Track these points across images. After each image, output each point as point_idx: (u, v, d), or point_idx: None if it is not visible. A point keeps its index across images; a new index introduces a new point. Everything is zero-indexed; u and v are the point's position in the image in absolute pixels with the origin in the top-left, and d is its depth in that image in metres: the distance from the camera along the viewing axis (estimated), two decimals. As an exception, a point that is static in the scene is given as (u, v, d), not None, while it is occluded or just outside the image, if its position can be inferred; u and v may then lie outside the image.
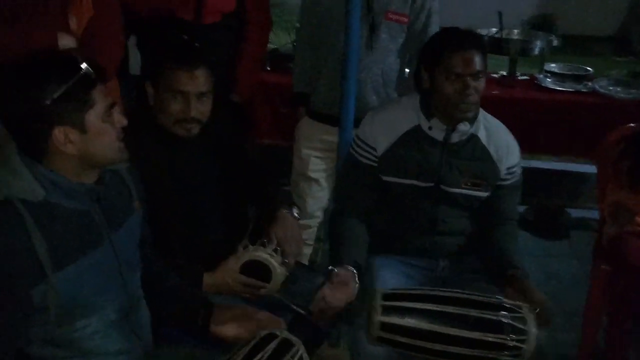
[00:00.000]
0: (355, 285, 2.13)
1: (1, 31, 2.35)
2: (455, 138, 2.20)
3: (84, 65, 1.49)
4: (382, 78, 2.77)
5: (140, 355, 1.72)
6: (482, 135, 2.23)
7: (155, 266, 1.87)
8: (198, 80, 2.06)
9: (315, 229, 3.08)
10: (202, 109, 2.08)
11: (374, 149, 2.25)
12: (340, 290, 2.10)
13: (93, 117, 1.51)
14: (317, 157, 2.94)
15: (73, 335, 1.56)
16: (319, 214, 3.03)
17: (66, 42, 2.41)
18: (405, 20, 2.73)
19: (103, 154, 1.56)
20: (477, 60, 2.10)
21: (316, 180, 2.96)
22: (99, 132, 1.52)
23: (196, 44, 2.30)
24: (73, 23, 2.44)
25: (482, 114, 2.24)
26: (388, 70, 2.77)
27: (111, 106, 1.55)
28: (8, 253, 1.42)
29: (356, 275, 2.15)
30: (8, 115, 1.50)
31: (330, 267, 2.17)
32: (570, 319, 3.03)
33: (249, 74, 3.02)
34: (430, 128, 2.20)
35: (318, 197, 2.98)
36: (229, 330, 1.78)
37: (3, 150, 1.52)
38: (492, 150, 2.23)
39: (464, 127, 2.18)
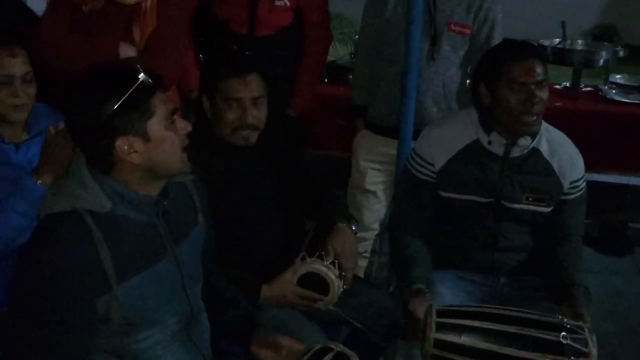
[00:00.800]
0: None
1: (70, 40, 2.44)
2: (516, 152, 2.16)
3: (141, 75, 1.50)
4: (443, 90, 2.75)
5: None
6: (544, 149, 2.18)
7: (214, 278, 1.88)
8: (251, 86, 2.08)
9: (372, 241, 3.07)
10: (257, 115, 2.10)
11: (432, 165, 2.23)
12: (421, 306, 2.07)
13: (155, 125, 1.52)
14: (375, 169, 2.94)
15: (135, 346, 1.58)
16: (376, 226, 3.02)
17: (128, 52, 2.48)
18: (468, 32, 2.71)
19: (167, 162, 1.56)
20: (540, 68, 2.07)
21: (373, 193, 2.96)
22: (162, 140, 1.53)
23: (246, 52, 2.34)
24: (136, 34, 2.51)
25: (545, 127, 2.20)
26: (449, 82, 2.75)
27: (173, 113, 1.56)
28: (74, 263, 1.44)
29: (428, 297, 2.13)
30: (74, 129, 1.54)
31: (413, 287, 2.15)
32: (633, 338, 2.95)
33: (307, 88, 3.04)
34: (489, 143, 2.16)
35: (375, 210, 2.98)
36: (267, 355, 1.78)
37: (74, 163, 1.56)
38: (554, 165, 2.18)
39: (524, 141, 2.14)
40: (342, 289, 2.07)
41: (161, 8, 2.53)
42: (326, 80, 3.79)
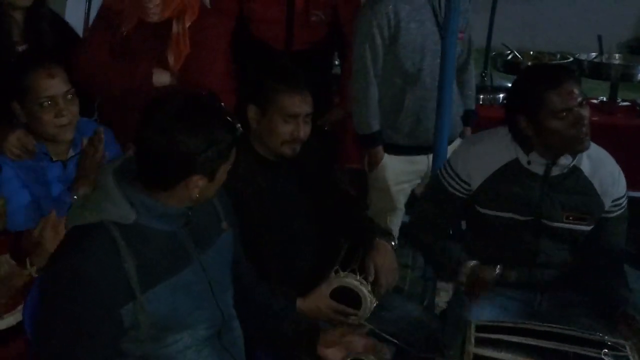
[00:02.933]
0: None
1: (108, 65, 2.48)
2: (556, 171, 2.14)
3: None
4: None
5: None
6: (585, 167, 2.16)
7: (258, 290, 1.91)
8: (307, 103, 2.13)
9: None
10: (307, 130, 2.15)
11: (467, 184, 2.22)
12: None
13: (223, 169, 1.58)
14: (404, 189, 2.99)
15: (165, 350, 1.60)
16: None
17: (163, 79, 2.51)
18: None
19: (210, 197, 1.64)
20: (577, 88, 2.05)
21: (401, 209, 3.01)
22: (220, 182, 1.60)
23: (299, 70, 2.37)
24: (171, 60, 2.54)
25: None
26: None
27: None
28: (100, 273, 1.47)
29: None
30: (149, 147, 1.52)
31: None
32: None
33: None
34: (529, 162, 2.15)
35: (398, 223, 3.00)
36: (336, 354, 1.79)
37: (100, 175, 1.58)
38: (596, 184, 2.16)
39: (565, 160, 2.12)
40: (374, 304, 2.07)
41: (193, 34, 2.55)
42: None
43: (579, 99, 2.04)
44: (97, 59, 2.48)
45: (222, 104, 1.59)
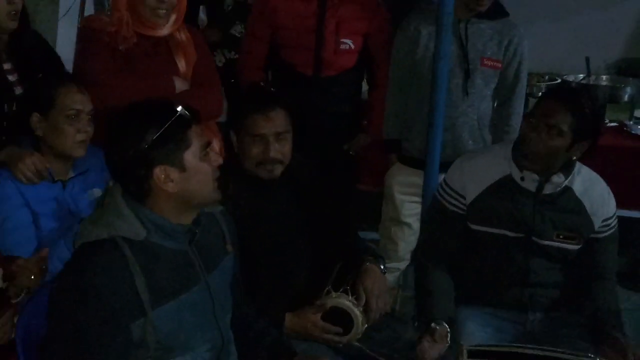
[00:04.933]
0: (448, 342, 2.10)
1: (119, 80, 2.48)
2: (548, 189, 2.16)
3: (179, 108, 1.57)
4: (478, 122, 2.82)
5: None
6: (577, 187, 2.18)
7: (244, 309, 1.90)
8: (274, 122, 2.12)
9: (400, 273, 3.07)
10: (281, 149, 2.13)
11: (463, 197, 2.23)
12: (436, 346, 2.08)
13: (190, 156, 1.57)
14: (411, 201, 2.98)
15: None
16: (408, 257, 3.03)
17: (181, 86, 2.54)
18: (499, 65, 2.79)
19: (200, 192, 1.61)
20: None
21: (408, 224, 3.02)
22: (196, 171, 1.59)
23: (272, 89, 2.39)
24: (182, 66, 2.57)
25: (578, 166, 2.19)
26: (483, 115, 2.83)
27: (207, 145, 1.62)
28: (111, 288, 1.48)
29: (449, 332, 2.12)
30: (113, 160, 1.59)
31: (431, 324, 2.14)
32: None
33: (380, 117, 3.14)
34: (522, 179, 2.16)
35: (410, 241, 3.03)
36: None
37: (109, 193, 1.60)
38: (586, 204, 2.18)
39: (558, 178, 2.14)
40: (366, 325, 2.07)
41: (197, 41, 2.61)
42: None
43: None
44: (116, 79, 2.48)
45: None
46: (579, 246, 2.21)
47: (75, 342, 1.48)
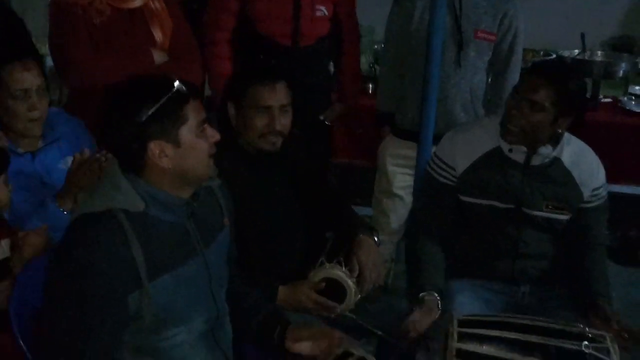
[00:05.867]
0: (438, 312, 2.12)
1: (97, 58, 2.47)
2: (536, 161, 2.18)
3: (176, 83, 1.56)
4: (471, 95, 2.82)
5: None
6: (565, 158, 2.20)
7: (238, 283, 1.91)
8: (280, 94, 2.13)
9: (393, 246, 3.09)
10: (284, 122, 2.14)
11: (453, 169, 2.24)
12: (426, 317, 2.10)
13: (186, 132, 1.56)
14: (403, 173, 2.99)
15: (162, 344, 1.61)
16: (401, 229, 3.05)
17: (161, 57, 2.53)
18: (493, 38, 2.78)
19: (195, 169, 1.61)
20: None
21: (400, 197, 3.02)
22: (192, 147, 1.58)
23: (272, 61, 2.38)
24: (159, 37, 2.56)
25: (567, 137, 2.21)
26: (476, 87, 2.82)
27: (203, 122, 1.61)
28: (109, 260, 1.48)
29: (439, 302, 2.14)
30: (109, 134, 1.58)
31: (420, 294, 2.16)
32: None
33: (353, 82, 3.23)
34: (510, 150, 2.18)
35: (401, 214, 3.03)
36: (304, 347, 1.79)
37: (108, 166, 1.61)
38: (575, 174, 2.20)
39: (545, 150, 2.15)
40: (359, 296, 2.09)
41: (172, 10, 2.59)
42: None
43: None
44: (94, 59, 2.47)
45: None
46: (569, 216, 2.23)
47: (72, 314, 1.49)
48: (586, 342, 1.78)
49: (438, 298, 2.15)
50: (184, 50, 2.61)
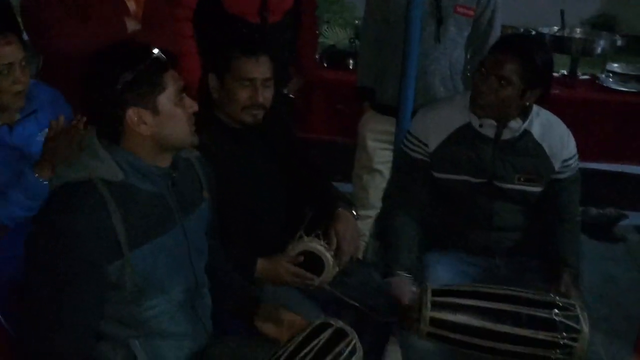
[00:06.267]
0: (410, 292, 2.13)
1: (73, 28, 2.46)
2: (507, 135, 2.20)
3: (155, 51, 1.57)
4: (450, 70, 2.81)
5: (202, 341, 1.78)
6: (535, 130, 2.22)
7: (218, 256, 1.92)
8: (263, 67, 2.13)
9: (372, 221, 3.11)
10: (267, 95, 2.15)
11: (426, 145, 2.26)
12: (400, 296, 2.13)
13: (165, 99, 1.57)
14: (383, 149, 3.00)
15: (142, 315, 1.63)
16: (380, 205, 3.06)
17: (133, 26, 2.52)
18: (472, 13, 2.77)
19: (175, 136, 1.62)
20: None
21: (380, 172, 3.02)
22: (170, 115, 1.59)
23: (256, 36, 2.39)
24: (132, 5, 2.54)
25: (536, 110, 2.23)
26: (455, 62, 2.82)
27: (182, 90, 1.62)
28: (88, 230, 1.49)
29: (411, 282, 2.17)
30: (87, 100, 1.59)
31: (392, 274, 2.19)
32: (627, 322, 2.98)
33: (311, 55, 3.25)
34: (480, 125, 2.20)
35: (381, 189, 3.02)
36: (269, 329, 1.81)
37: (87, 135, 1.60)
38: (545, 146, 2.22)
39: (515, 123, 2.18)
40: (337, 269, 2.11)
41: None
42: (325, 65, 3.81)
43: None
44: (68, 29, 2.46)
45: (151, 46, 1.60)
46: (541, 188, 2.25)
47: (53, 284, 1.50)
48: (556, 310, 1.82)
49: (408, 278, 2.18)
50: (157, 20, 2.60)
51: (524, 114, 2.18)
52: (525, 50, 2.10)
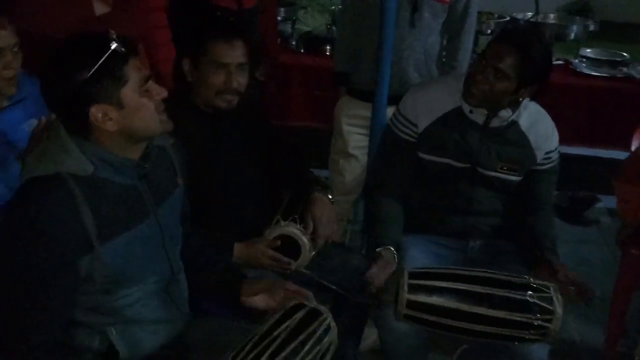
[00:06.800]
0: (395, 265, 2.16)
1: (36, 6, 2.42)
2: (495, 123, 2.22)
3: (113, 44, 1.50)
4: (424, 56, 2.82)
5: (179, 325, 1.78)
6: (523, 122, 2.24)
7: (194, 240, 1.92)
8: (238, 52, 2.11)
9: (349, 205, 3.13)
10: (241, 80, 2.14)
11: (415, 125, 2.28)
12: (384, 271, 2.15)
13: (129, 92, 1.52)
14: (358, 133, 3.00)
15: (116, 303, 1.62)
16: (356, 189, 3.08)
17: (102, 9, 2.47)
18: (447, 0, 2.77)
19: (145, 128, 1.58)
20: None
21: (356, 157, 3.03)
22: (136, 107, 1.54)
23: (231, 19, 2.38)
24: None
25: (526, 101, 2.23)
26: (430, 48, 2.83)
27: (147, 79, 1.57)
28: (58, 225, 1.47)
29: (396, 256, 2.19)
30: (49, 97, 1.54)
31: (377, 249, 2.21)
32: (600, 304, 3.03)
33: (274, 36, 3.30)
34: (471, 112, 2.22)
35: (357, 174, 3.05)
36: (259, 301, 1.82)
37: (54, 127, 1.57)
38: (531, 138, 2.25)
39: (505, 113, 2.19)
40: (314, 252, 2.13)
41: None
42: (302, 51, 3.81)
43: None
44: (25, 11, 2.41)
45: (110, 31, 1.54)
46: (520, 177, 2.28)
47: (22, 280, 1.48)
48: (530, 292, 1.85)
49: (395, 252, 2.19)
50: (128, 3, 2.56)
51: (514, 105, 2.19)
52: (526, 46, 2.08)
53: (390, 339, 2.15)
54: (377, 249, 2.20)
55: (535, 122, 2.26)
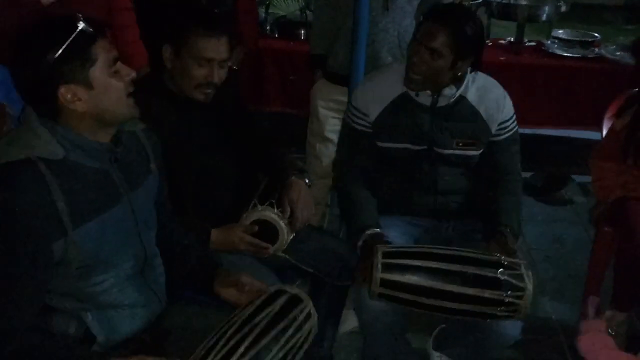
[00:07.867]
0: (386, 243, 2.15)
1: None
2: (442, 102, 2.23)
3: (81, 23, 1.51)
4: (398, 40, 2.83)
5: (157, 309, 1.79)
6: (471, 96, 2.25)
7: (171, 227, 1.92)
8: (222, 48, 2.10)
9: (327, 189, 3.15)
10: (222, 76, 2.13)
11: (367, 115, 2.28)
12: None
13: (97, 72, 1.52)
14: (334, 117, 3.01)
15: (91, 289, 1.63)
16: None
17: None
18: None
19: (113, 109, 1.58)
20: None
21: (332, 141, 3.03)
22: (105, 88, 1.54)
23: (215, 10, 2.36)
24: None
25: (472, 75, 2.25)
26: (404, 32, 2.82)
27: (115, 60, 1.57)
28: (29, 209, 1.47)
29: (383, 235, 2.21)
30: (18, 81, 1.54)
31: (366, 232, 2.20)
32: (572, 281, 3.10)
33: (253, 24, 3.27)
34: (417, 94, 2.23)
35: (333, 157, 3.06)
36: (229, 294, 1.82)
37: (24, 113, 1.56)
38: (481, 110, 2.25)
39: (449, 91, 2.20)
40: (291, 236, 2.15)
41: None
42: (277, 35, 3.81)
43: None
44: None
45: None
46: (480, 151, 2.29)
47: None
48: (501, 269, 1.89)
49: (381, 231, 2.21)
50: None
51: (458, 80, 2.20)
52: (455, 22, 2.10)
53: (367, 318, 2.17)
54: (365, 232, 2.20)
55: (484, 95, 2.26)
